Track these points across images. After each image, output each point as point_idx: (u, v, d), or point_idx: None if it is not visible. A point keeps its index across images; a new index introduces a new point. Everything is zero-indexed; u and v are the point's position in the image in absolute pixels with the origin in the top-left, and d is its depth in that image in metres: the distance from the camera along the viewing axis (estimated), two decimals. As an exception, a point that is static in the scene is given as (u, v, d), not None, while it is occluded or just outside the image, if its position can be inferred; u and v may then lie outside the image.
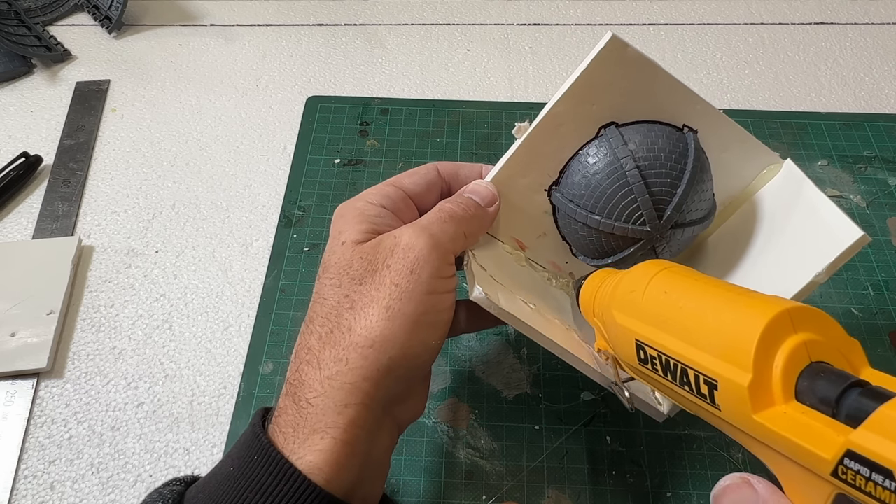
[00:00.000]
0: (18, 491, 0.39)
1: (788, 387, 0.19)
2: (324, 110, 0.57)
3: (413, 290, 0.29)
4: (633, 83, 0.33)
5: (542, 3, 0.66)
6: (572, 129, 0.34)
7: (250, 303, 0.46)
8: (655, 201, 0.32)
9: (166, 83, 0.60)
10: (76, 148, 0.55)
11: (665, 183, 0.32)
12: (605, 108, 0.34)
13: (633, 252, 0.34)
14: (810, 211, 0.32)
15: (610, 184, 0.33)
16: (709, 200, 0.35)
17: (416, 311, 0.29)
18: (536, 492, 0.38)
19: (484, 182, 0.35)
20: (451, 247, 0.31)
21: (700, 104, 0.34)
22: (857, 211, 0.50)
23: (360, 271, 0.30)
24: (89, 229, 0.50)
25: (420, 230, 0.30)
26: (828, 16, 0.65)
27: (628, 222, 0.33)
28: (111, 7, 0.63)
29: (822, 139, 0.54)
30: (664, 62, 0.61)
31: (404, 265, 0.29)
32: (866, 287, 0.46)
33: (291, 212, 0.51)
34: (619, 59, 0.32)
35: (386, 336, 0.28)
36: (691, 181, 0.33)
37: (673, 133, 0.34)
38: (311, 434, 0.27)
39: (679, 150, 0.33)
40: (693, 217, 0.34)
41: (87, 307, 0.46)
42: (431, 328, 0.30)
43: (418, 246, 0.30)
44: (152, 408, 0.42)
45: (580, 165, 0.34)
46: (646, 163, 0.33)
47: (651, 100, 0.34)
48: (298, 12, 0.66)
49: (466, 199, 0.34)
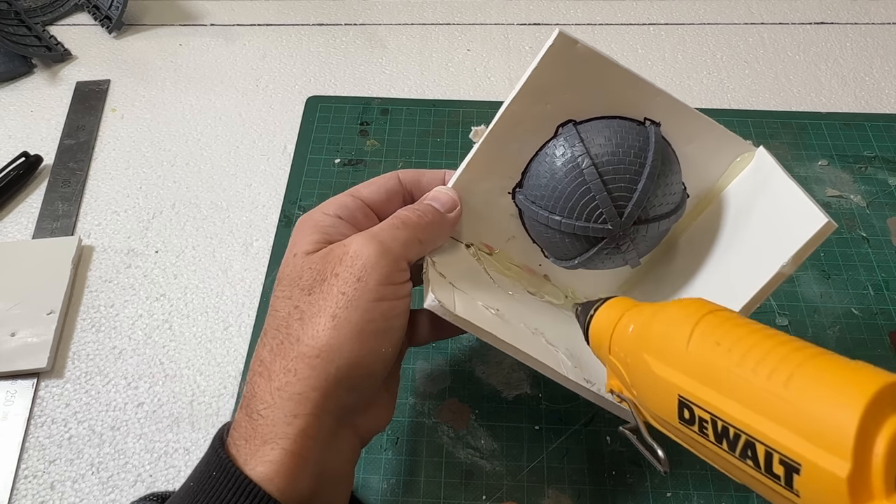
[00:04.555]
0: (18, 491, 0.39)
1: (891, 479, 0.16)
2: (324, 110, 0.57)
3: (360, 298, 0.29)
4: (588, 79, 0.33)
5: (542, 3, 0.66)
6: (530, 129, 0.34)
7: (250, 303, 0.46)
8: (614, 198, 0.32)
9: (166, 83, 0.60)
10: (76, 148, 0.55)
11: (624, 179, 0.32)
12: (561, 106, 0.33)
13: (599, 251, 0.34)
14: (778, 199, 0.32)
15: (568, 183, 0.33)
16: (676, 194, 0.34)
17: (363, 318, 0.29)
18: (536, 492, 0.38)
19: (445, 188, 0.35)
20: (402, 252, 0.31)
21: (661, 96, 0.33)
22: (857, 211, 0.50)
23: (309, 281, 0.30)
24: (89, 229, 0.50)
25: (369, 237, 0.30)
26: (828, 16, 0.65)
27: (589, 221, 0.33)
28: (111, 7, 0.63)
29: (822, 139, 0.54)
30: (664, 62, 0.62)
31: (351, 273, 0.29)
32: (866, 287, 0.46)
33: (291, 212, 0.51)
34: (570, 57, 0.32)
35: (332, 345, 0.28)
36: (651, 175, 0.32)
37: (633, 127, 0.33)
38: (262, 445, 0.28)
39: (638, 145, 0.33)
40: (659, 212, 0.33)
41: (87, 307, 0.46)
42: (381, 336, 0.29)
43: (366, 253, 0.30)
44: (152, 408, 0.42)
45: (539, 166, 0.34)
46: (603, 159, 0.32)
47: (609, 95, 0.33)
48: (298, 12, 0.66)
49: (425, 205, 0.34)
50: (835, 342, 0.43)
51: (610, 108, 0.34)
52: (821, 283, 0.46)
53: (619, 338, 0.27)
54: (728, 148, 0.35)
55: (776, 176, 0.32)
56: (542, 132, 0.34)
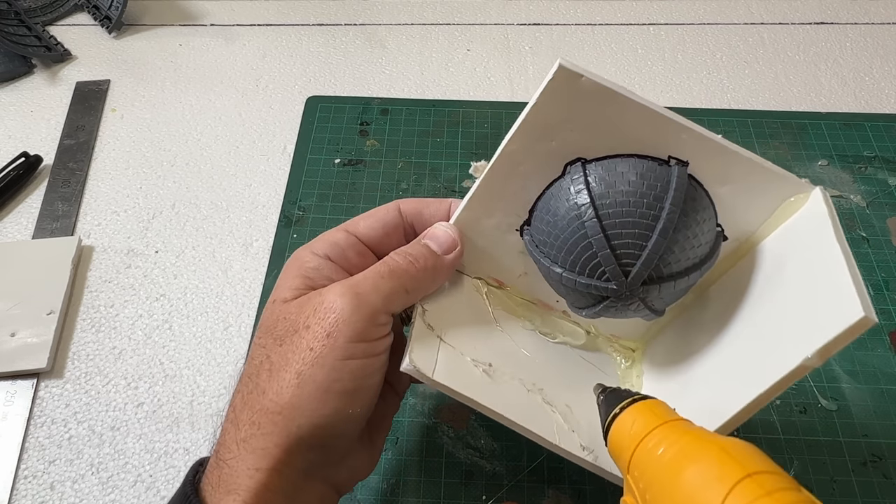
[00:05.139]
0: (18, 491, 0.39)
1: None
2: (324, 110, 0.57)
3: (326, 356, 0.27)
4: (598, 116, 0.28)
5: (542, 3, 0.66)
6: (534, 167, 0.30)
7: (250, 303, 0.46)
8: (618, 256, 0.28)
9: (166, 83, 0.60)
10: (76, 148, 0.55)
11: (632, 234, 0.28)
12: (567, 143, 0.29)
13: (606, 308, 0.30)
14: (819, 264, 0.27)
15: (570, 234, 0.29)
16: (704, 245, 0.29)
17: (328, 378, 0.27)
18: (536, 492, 0.38)
19: (445, 225, 0.32)
20: (382, 306, 0.29)
21: (686, 132, 0.28)
22: (857, 211, 0.50)
23: (282, 331, 0.29)
24: (89, 229, 0.50)
25: (346, 289, 0.28)
26: (828, 16, 0.65)
27: (592, 278, 0.29)
28: (111, 7, 0.63)
29: (822, 139, 0.54)
30: (664, 62, 0.62)
31: (322, 327, 0.28)
32: (866, 287, 0.46)
33: (291, 212, 0.51)
34: (574, 91, 0.28)
35: (293, 404, 0.27)
36: (666, 230, 0.27)
37: (652, 168, 0.29)
38: (226, 495, 0.27)
39: (655, 191, 0.28)
40: (677, 269, 0.29)
41: (87, 307, 0.46)
42: (347, 397, 0.28)
43: (339, 307, 0.28)
44: (152, 408, 0.42)
45: (543, 209, 0.31)
46: (609, 210, 0.28)
47: (624, 132, 0.29)
48: (298, 12, 0.66)
49: (419, 248, 0.31)
50: (835, 342, 0.43)
51: (627, 147, 0.29)
52: (821, 283, 0.46)
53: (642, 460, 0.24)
54: (775, 187, 0.29)
55: (825, 232, 0.27)
56: (548, 170, 0.31)
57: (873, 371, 0.42)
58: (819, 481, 0.38)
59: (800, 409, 0.41)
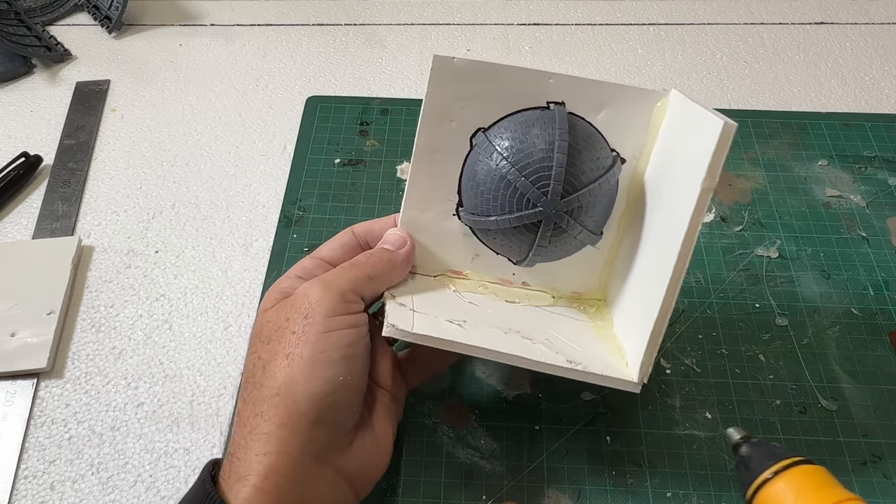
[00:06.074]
0: (18, 491, 0.39)
1: None
2: (324, 110, 0.57)
3: (308, 333, 0.31)
4: (479, 88, 0.34)
5: (542, 3, 0.66)
6: (447, 151, 0.36)
7: (250, 303, 0.46)
8: (535, 181, 0.33)
9: (166, 83, 0.60)
10: (76, 148, 0.55)
11: (537, 161, 0.33)
12: (465, 120, 0.35)
13: (543, 236, 0.34)
14: (689, 127, 0.32)
15: (490, 183, 0.34)
16: (601, 159, 0.35)
17: (314, 350, 0.30)
18: (536, 492, 0.38)
19: (394, 229, 0.37)
20: (348, 287, 0.33)
21: (553, 77, 0.35)
22: (857, 211, 0.50)
23: (268, 332, 0.32)
24: (89, 229, 0.50)
25: (314, 281, 0.33)
26: (828, 16, 0.65)
27: (520, 210, 0.34)
28: (111, 7, 0.63)
29: (822, 139, 0.54)
30: (664, 62, 0.62)
31: (299, 313, 0.31)
32: (866, 287, 0.46)
33: (291, 212, 0.51)
34: (453, 73, 0.34)
35: (288, 381, 0.30)
36: (562, 148, 0.33)
37: (537, 114, 0.35)
38: (236, 482, 0.29)
39: (545, 128, 0.34)
40: (584, 180, 0.34)
41: (87, 307, 0.46)
42: (335, 365, 0.31)
43: (311, 292, 0.32)
44: (152, 408, 0.42)
45: (466, 182, 0.36)
46: (514, 150, 0.34)
47: (505, 95, 0.35)
48: (298, 12, 0.66)
49: (375, 249, 0.36)
50: (835, 342, 0.43)
51: (512, 106, 0.35)
52: (821, 283, 0.46)
53: None
54: (641, 102, 0.35)
55: (686, 107, 0.33)
56: (459, 150, 0.36)
57: (873, 371, 0.42)
58: (819, 481, 0.38)
59: (800, 409, 0.41)
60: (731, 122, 0.28)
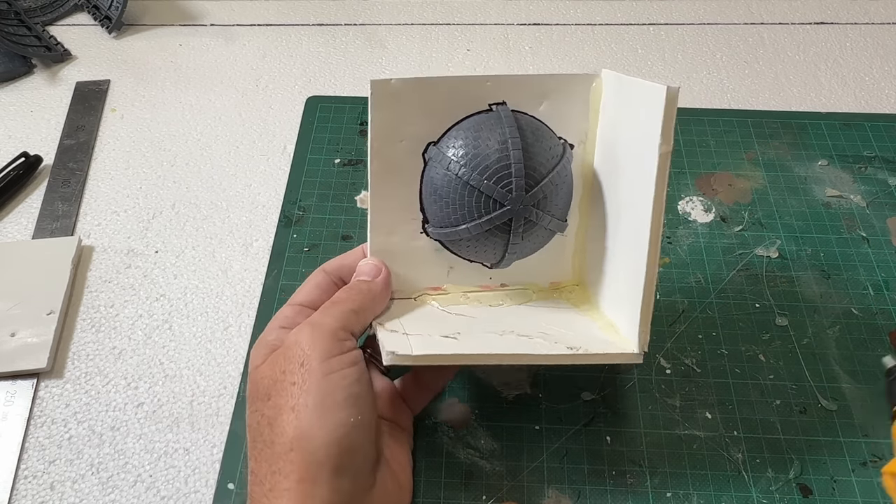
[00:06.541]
0: (18, 491, 0.39)
1: None
2: (324, 110, 0.57)
3: (308, 381, 0.30)
4: (419, 104, 0.35)
5: (542, 3, 0.66)
6: (402, 170, 0.36)
7: (250, 303, 0.46)
8: (497, 181, 0.34)
9: (166, 83, 0.60)
10: (76, 148, 0.55)
11: (494, 161, 0.34)
12: (414, 137, 0.35)
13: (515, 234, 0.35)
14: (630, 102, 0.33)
15: (452, 192, 0.35)
16: (553, 148, 0.36)
17: (319, 397, 0.30)
18: (536, 492, 0.38)
19: (366, 260, 0.37)
20: (336, 325, 0.32)
21: (490, 80, 0.35)
22: (857, 211, 0.50)
23: (266, 389, 0.31)
24: (89, 229, 0.50)
25: (301, 326, 0.32)
26: (828, 16, 0.65)
27: (490, 213, 0.34)
28: (111, 7, 0.63)
29: (822, 139, 0.54)
30: (664, 62, 0.62)
31: (295, 362, 0.31)
32: (866, 287, 0.46)
33: (291, 212, 0.51)
34: (391, 94, 0.34)
35: (299, 434, 0.29)
36: (516, 144, 0.33)
37: (482, 118, 0.35)
38: None
39: (494, 130, 0.34)
40: (543, 171, 0.34)
41: (87, 307, 0.46)
42: (343, 407, 0.30)
43: (301, 339, 0.31)
44: (152, 408, 0.42)
45: (427, 197, 0.36)
46: (469, 157, 0.34)
47: (447, 106, 0.35)
48: (298, 12, 0.66)
49: (353, 282, 0.36)
50: (835, 342, 0.43)
51: (456, 115, 0.36)
52: (821, 283, 0.46)
53: None
54: (577, 87, 0.36)
55: (623, 83, 0.34)
56: (413, 168, 0.36)
57: (873, 371, 0.42)
58: (819, 481, 0.38)
59: (800, 409, 0.41)
60: (673, 85, 0.29)
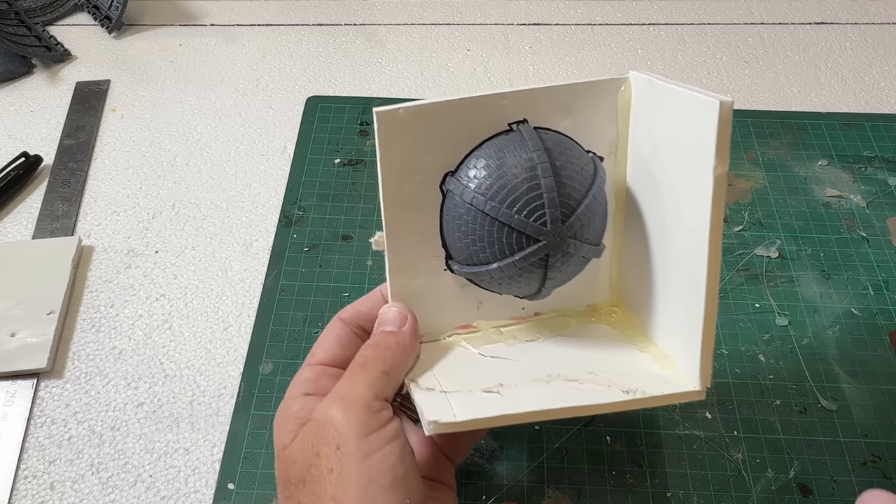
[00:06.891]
0: (18, 491, 0.39)
1: None
2: (324, 110, 0.57)
3: (346, 466, 0.27)
4: (432, 132, 0.31)
5: (542, 3, 0.66)
6: (419, 208, 0.32)
7: (250, 303, 0.46)
8: (528, 214, 0.29)
9: (166, 83, 0.60)
10: (76, 148, 0.55)
11: (526, 193, 0.29)
12: (430, 168, 0.32)
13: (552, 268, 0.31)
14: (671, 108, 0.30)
15: (483, 230, 0.30)
16: (585, 168, 0.31)
17: (360, 484, 0.26)
18: (536, 492, 0.38)
19: (388, 306, 0.33)
20: (370, 395, 0.28)
21: (507, 98, 0.31)
22: (857, 211, 0.50)
23: (299, 474, 0.28)
24: (89, 229, 0.50)
25: (331, 399, 0.28)
26: (828, 16, 0.65)
27: (524, 249, 0.30)
28: (111, 7, 0.63)
29: (822, 139, 0.54)
30: (664, 62, 0.62)
31: (329, 445, 0.27)
32: (866, 287, 0.46)
33: (291, 212, 0.51)
34: (401, 125, 0.30)
35: None
36: (546, 170, 0.29)
37: (503, 140, 0.31)
38: None
39: (518, 153, 0.30)
40: (577, 196, 0.30)
41: (87, 307, 0.46)
42: (389, 491, 0.27)
43: (333, 416, 0.28)
44: (152, 408, 0.42)
45: (450, 232, 0.32)
46: (498, 191, 0.30)
47: (462, 130, 0.31)
48: (298, 12, 0.66)
49: (377, 335, 0.32)
50: (835, 342, 0.43)
51: (473, 140, 0.32)
52: (821, 283, 0.46)
53: None
54: (603, 93, 0.32)
55: (657, 89, 0.30)
56: (431, 202, 0.32)
57: (873, 371, 0.42)
58: (819, 481, 0.38)
59: (800, 409, 0.41)
60: (726, 98, 0.25)
